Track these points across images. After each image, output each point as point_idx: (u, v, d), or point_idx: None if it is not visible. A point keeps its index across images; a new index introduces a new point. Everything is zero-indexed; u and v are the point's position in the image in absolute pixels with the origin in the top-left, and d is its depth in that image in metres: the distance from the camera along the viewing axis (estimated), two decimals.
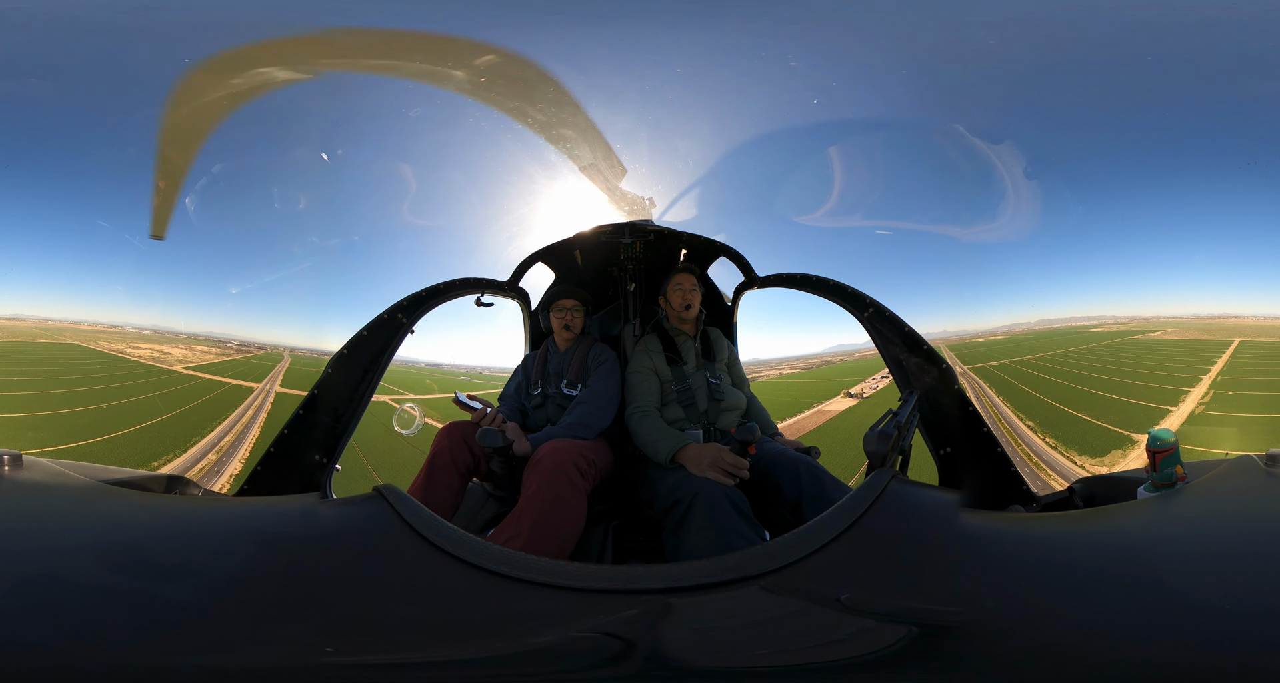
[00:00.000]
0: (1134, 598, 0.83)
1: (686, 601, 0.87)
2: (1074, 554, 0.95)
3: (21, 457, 1.19)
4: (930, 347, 2.07)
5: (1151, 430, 1.28)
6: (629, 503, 2.11)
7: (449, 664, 0.82)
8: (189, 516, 1.10)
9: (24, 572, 0.88)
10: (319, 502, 1.10)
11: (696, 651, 0.83)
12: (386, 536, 0.96)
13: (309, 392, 1.97)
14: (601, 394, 2.12)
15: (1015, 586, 0.88)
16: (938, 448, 2.01)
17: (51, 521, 1.03)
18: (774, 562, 0.89)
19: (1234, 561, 0.91)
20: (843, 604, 0.87)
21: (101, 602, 0.84)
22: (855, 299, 2.18)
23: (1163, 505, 1.12)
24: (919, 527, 0.99)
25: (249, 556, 0.96)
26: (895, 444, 1.27)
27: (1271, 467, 1.15)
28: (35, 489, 1.12)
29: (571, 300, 2.31)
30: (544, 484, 1.64)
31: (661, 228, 2.40)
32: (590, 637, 0.84)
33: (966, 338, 2.02)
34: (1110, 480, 1.68)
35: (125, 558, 0.93)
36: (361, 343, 2.04)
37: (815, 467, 1.82)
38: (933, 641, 0.83)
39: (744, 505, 1.65)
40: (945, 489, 1.14)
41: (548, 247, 2.58)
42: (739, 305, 2.74)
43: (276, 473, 1.88)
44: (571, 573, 0.90)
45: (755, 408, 2.29)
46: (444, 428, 1.97)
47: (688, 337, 2.22)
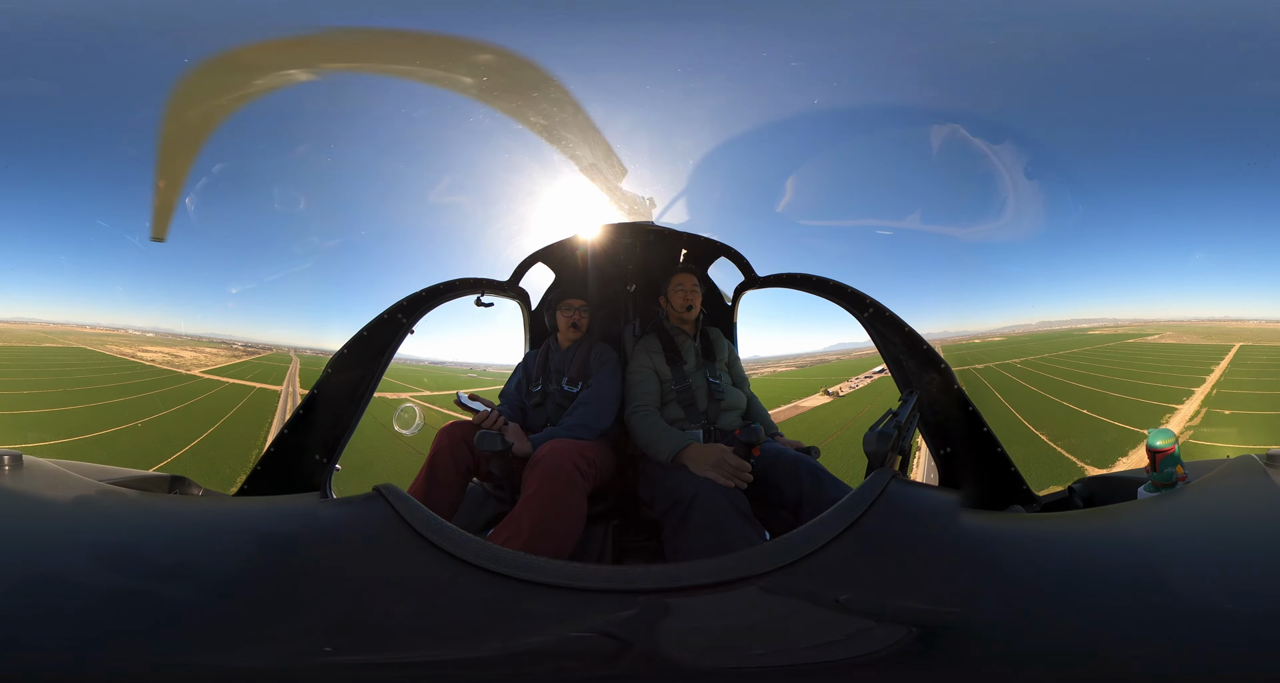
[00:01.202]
0: (1134, 598, 0.83)
1: (686, 601, 0.87)
2: (1074, 554, 0.95)
3: (22, 457, 1.19)
4: (930, 347, 2.06)
5: (1151, 431, 1.28)
6: (629, 503, 2.11)
7: (449, 664, 0.83)
8: (189, 516, 1.10)
9: (24, 572, 0.88)
10: (319, 502, 1.10)
11: (696, 651, 0.83)
12: (386, 536, 0.96)
13: (309, 392, 1.97)
14: (603, 395, 2.12)
15: (1015, 586, 0.88)
16: (938, 448, 2.01)
17: (51, 520, 1.03)
18: (773, 562, 0.89)
19: (1234, 561, 0.91)
20: (842, 605, 0.87)
21: (102, 602, 0.84)
22: (855, 299, 2.18)
23: (1163, 505, 1.12)
24: (919, 527, 0.99)
25: (249, 555, 0.96)
26: (895, 444, 1.27)
27: (1271, 467, 1.15)
28: (35, 489, 1.12)
29: (580, 300, 2.32)
30: (544, 484, 1.64)
31: (661, 228, 2.40)
32: (590, 637, 0.84)
33: (964, 339, 1.99)
34: (1110, 480, 1.68)
35: (125, 558, 0.93)
36: (361, 343, 2.04)
37: (815, 467, 1.82)
38: (933, 641, 0.83)
39: (743, 506, 1.65)
40: (945, 489, 1.14)
41: (548, 247, 2.58)
42: (739, 305, 2.74)
43: (276, 473, 1.88)
44: (571, 573, 0.90)
45: (756, 408, 2.29)
46: (444, 428, 1.97)
47: (688, 336, 2.22)
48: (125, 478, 1.35)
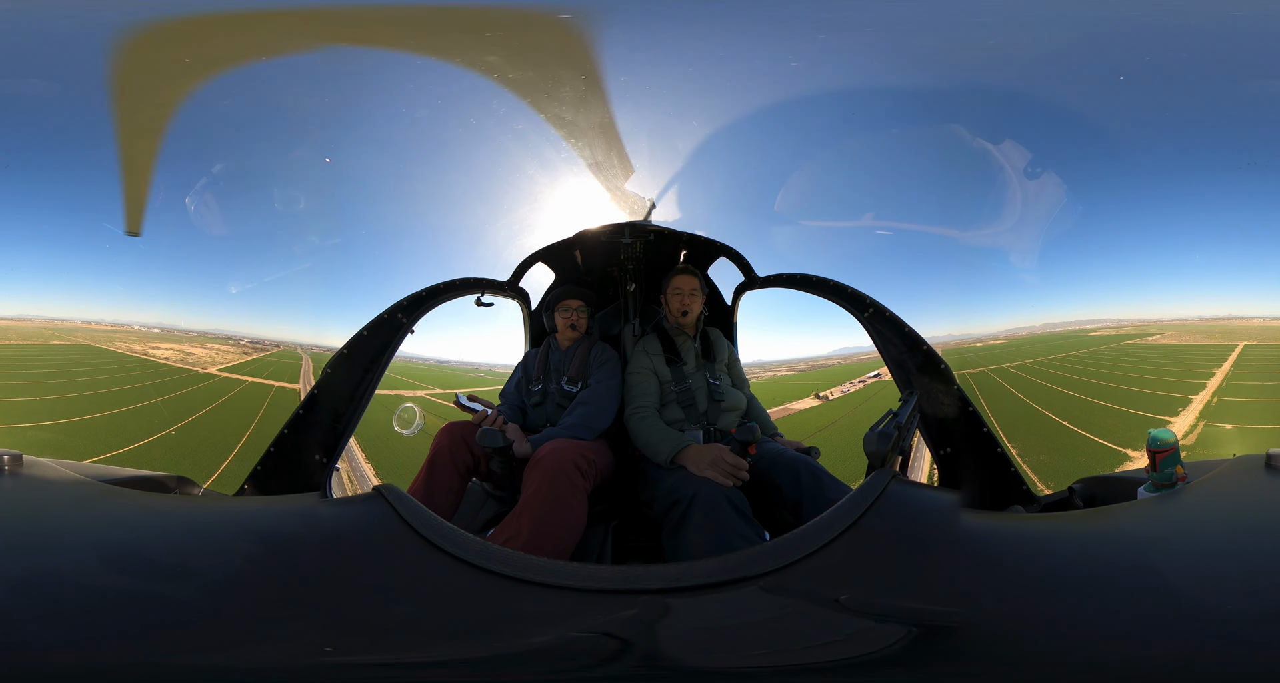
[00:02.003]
0: (1134, 598, 0.83)
1: (686, 601, 0.87)
2: (1074, 554, 0.95)
3: (22, 457, 1.19)
4: (930, 347, 2.06)
5: (1151, 431, 1.28)
6: (629, 503, 2.11)
7: (449, 664, 0.82)
8: (189, 516, 1.10)
9: (24, 572, 0.88)
10: (319, 502, 1.10)
11: (696, 651, 0.83)
12: (386, 535, 0.96)
13: (309, 391, 1.97)
14: (602, 395, 2.12)
15: (1015, 586, 0.88)
16: (938, 448, 2.01)
17: (52, 520, 1.03)
18: (774, 562, 0.89)
19: (1234, 561, 0.91)
20: (842, 605, 0.87)
21: (102, 602, 0.84)
22: (855, 300, 2.18)
23: (1163, 505, 1.12)
24: (919, 527, 0.99)
25: (249, 555, 0.96)
26: (895, 444, 1.26)
27: (1272, 467, 1.15)
28: (35, 489, 1.12)
29: (577, 301, 2.32)
30: (544, 484, 1.64)
31: (661, 228, 2.40)
32: (590, 637, 0.84)
33: (964, 343, 1.97)
34: (1110, 481, 1.68)
35: (126, 558, 0.93)
36: (361, 343, 2.04)
37: (815, 467, 1.83)
38: (933, 641, 0.83)
39: (744, 506, 1.65)
40: (945, 489, 1.14)
41: (547, 247, 2.58)
42: (739, 306, 2.74)
43: (276, 473, 1.88)
44: (571, 573, 0.90)
45: (755, 409, 2.29)
46: (444, 428, 1.97)
47: (687, 337, 2.22)
48: (125, 478, 1.35)
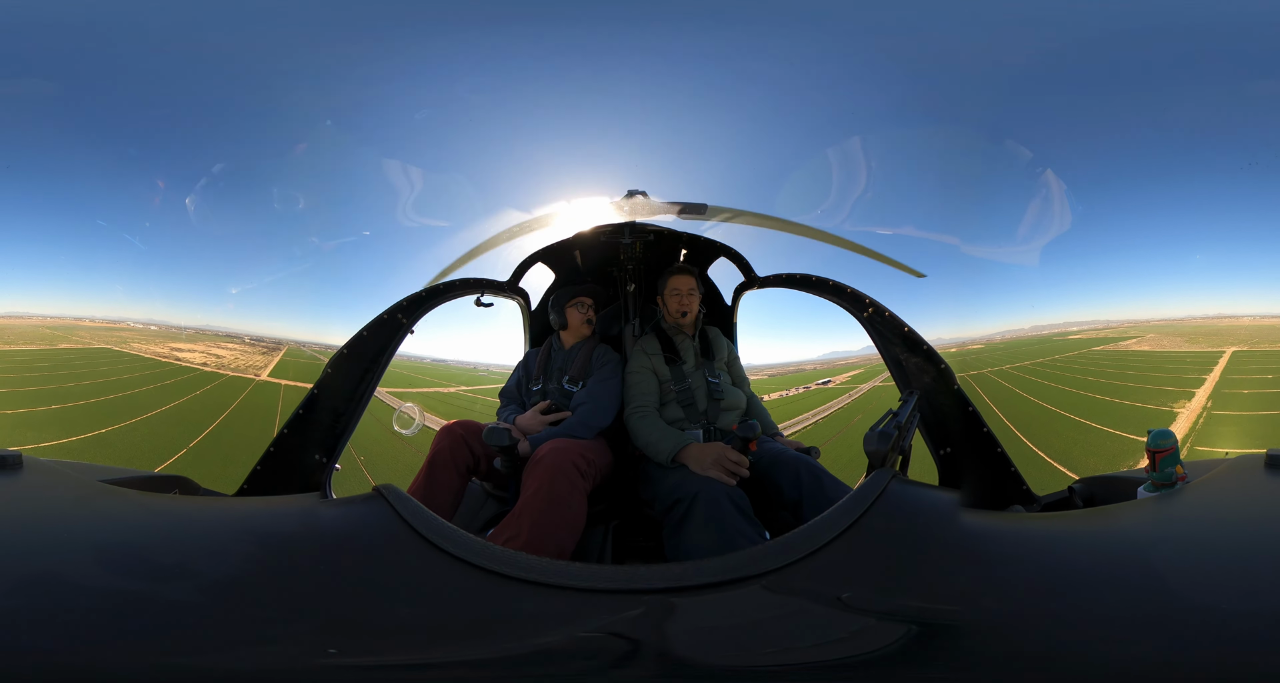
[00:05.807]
0: (1134, 598, 0.83)
1: (687, 600, 0.87)
2: (1074, 554, 0.95)
3: (22, 457, 1.19)
4: (930, 347, 2.07)
5: (1151, 431, 1.28)
6: (629, 503, 2.11)
7: (449, 665, 0.82)
8: (189, 516, 1.10)
9: (24, 572, 0.88)
10: (319, 502, 1.10)
11: (697, 650, 0.83)
12: (386, 535, 0.96)
13: (309, 391, 1.97)
14: (601, 394, 2.12)
15: (1015, 586, 0.88)
16: (938, 448, 2.01)
17: (51, 521, 1.03)
18: (775, 562, 0.89)
19: (1234, 561, 0.91)
20: (843, 604, 0.87)
21: (101, 602, 0.84)
22: (854, 299, 2.19)
23: (1163, 505, 1.12)
24: (919, 527, 0.99)
25: (249, 556, 0.96)
26: (895, 444, 1.26)
27: (1271, 467, 1.15)
28: (35, 489, 1.12)
29: (590, 298, 2.36)
30: (544, 484, 1.64)
31: (661, 228, 2.40)
32: (590, 637, 0.84)
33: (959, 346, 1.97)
34: (1110, 481, 1.68)
35: (125, 558, 0.93)
36: (361, 343, 2.04)
37: (815, 467, 1.82)
38: (933, 641, 0.83)
39: (745, 505, 1.65)
40: (945, 489, 1.14)
41: (547, 247, 2.58)
42: (739, 305, 2.74)
43: (276, 473, 1.88)
44: (571, 573, 0.90)
45: (755, 407, 2.29)
46: (444, 428, 1.97)
47: (686, 336, 2.22)
48: (125, 478, 1.35)
